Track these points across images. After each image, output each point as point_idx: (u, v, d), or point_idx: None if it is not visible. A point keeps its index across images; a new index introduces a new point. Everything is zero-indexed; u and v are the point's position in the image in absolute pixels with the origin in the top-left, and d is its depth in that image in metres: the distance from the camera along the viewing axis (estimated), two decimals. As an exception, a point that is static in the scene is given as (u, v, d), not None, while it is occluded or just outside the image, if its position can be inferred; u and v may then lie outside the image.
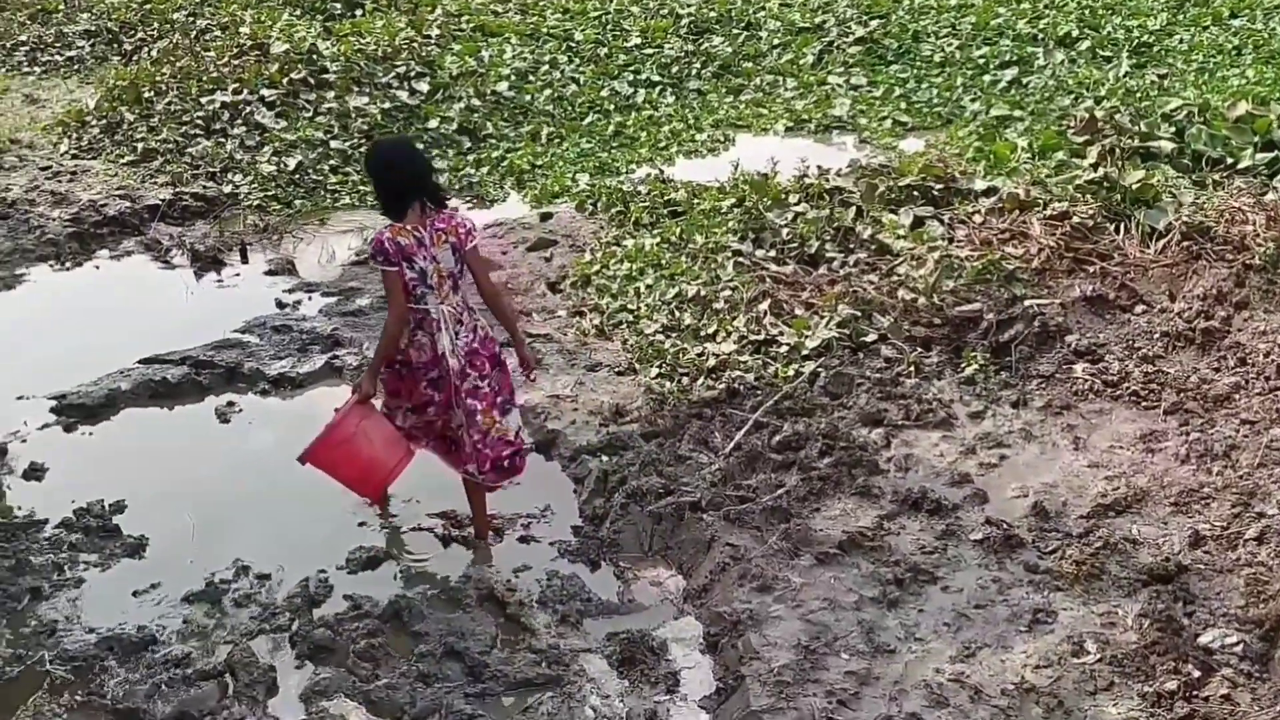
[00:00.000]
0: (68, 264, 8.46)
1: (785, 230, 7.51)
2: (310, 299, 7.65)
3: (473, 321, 4.75)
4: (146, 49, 13.42)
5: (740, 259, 7.30)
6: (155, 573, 4.89)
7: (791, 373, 6.09)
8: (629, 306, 7.06)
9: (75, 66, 13.46)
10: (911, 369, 5.98)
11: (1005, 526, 4.72)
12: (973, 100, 10.42)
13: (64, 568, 4.89)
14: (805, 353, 6.24)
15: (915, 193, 7.61)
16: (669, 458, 5.46)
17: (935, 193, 7.60)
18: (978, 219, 7.19)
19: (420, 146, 6.53)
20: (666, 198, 8.60)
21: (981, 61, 11.21)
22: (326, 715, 4.09)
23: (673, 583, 4.80)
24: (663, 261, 7.48)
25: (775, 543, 4.74)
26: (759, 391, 5.96)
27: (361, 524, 5.27)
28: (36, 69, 13.55)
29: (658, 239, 7.89)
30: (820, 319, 6.46)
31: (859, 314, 6.43)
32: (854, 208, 7.56)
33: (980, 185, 7.62)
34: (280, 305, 7.58)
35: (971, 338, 6.16)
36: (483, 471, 4.87)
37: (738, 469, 5.35)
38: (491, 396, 4.84)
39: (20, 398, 6.35)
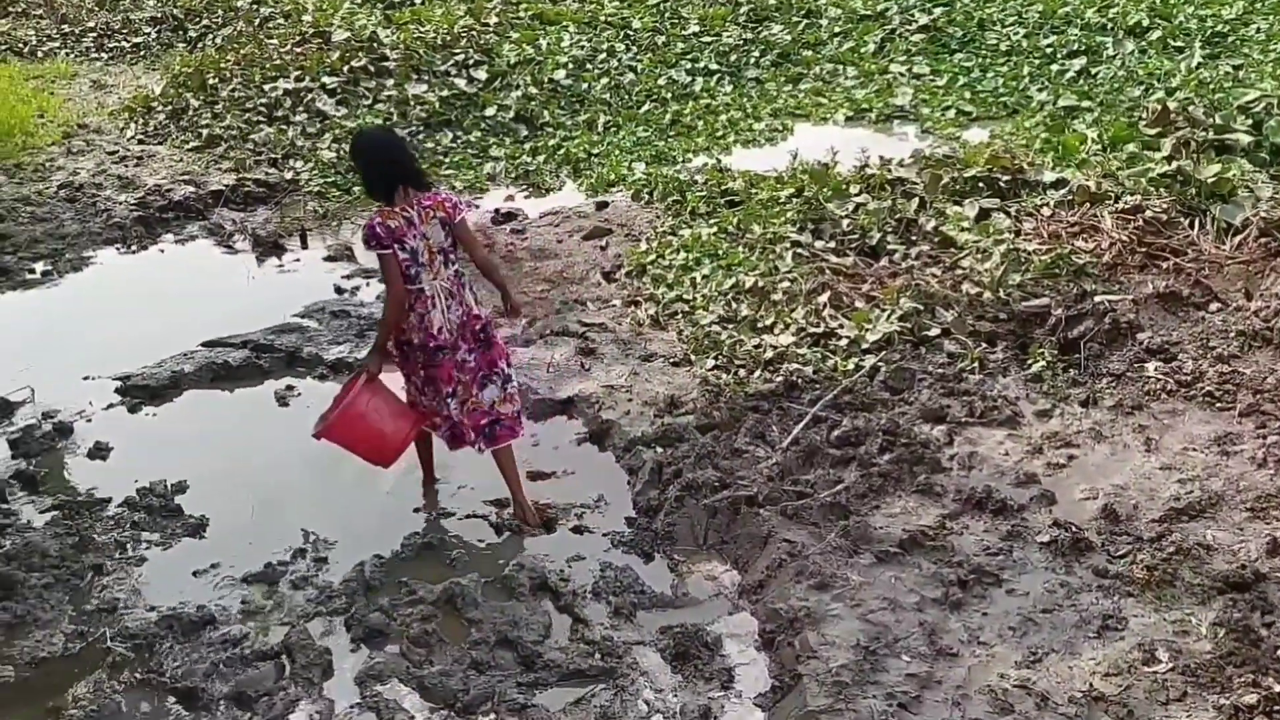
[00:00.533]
0: (133, 247, 8.59)
1: (845, 221, 7.39)
2: (368, 285, 7.68)
3: (462, 295, 4.87)
4: (211, 36, 13.62)
5: (799, 250, 7.20)
6: (215, 553, 4.94)
7: (851, 366, 5.98)
8: (685, 296, 6.99)
9: (141, 53, 13.68)
10: (976, 365, 5.85)
11: (1074, 529, 4.58)
12: (1039, 90, 10.19)
13: (126, 546, 4.96)
14: (865, 346, 6.14)
15: (981, 184, 7.46)
16: (725, 451, 5.39)
17: (1002, 184, 7.43)
18: (1046, 212, 7.02)
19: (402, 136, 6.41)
20: (724, 187, 8.53)
21: (1049, 50, 10.96)
22: (380, 699, 4.09)
23: (727, 577, 4.74)
24: (719, 251, 7.40)
25: (834, 540, 4.65)
26: (817, 385, 5.86)
27: (416, 510, 5.28)
28: (104, 55, 13.79)
29: (715, 229, 7.81)
30: (881, 312, 6.34)
31: (921, 307, 6.30)
32: (917, 199, 7.43)
33: (1049, 177, 7.44)
34: (339, 291, 7.63)
35: (1039, 334, 6.00)
36: (473, 442, 5.03)
37: (795, 464, 5.26)
38: (474, 371, 4.97)
39: (86, 378, 6.45)
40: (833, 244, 7.26)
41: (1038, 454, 5.20)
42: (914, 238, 7.13)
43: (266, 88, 10.94)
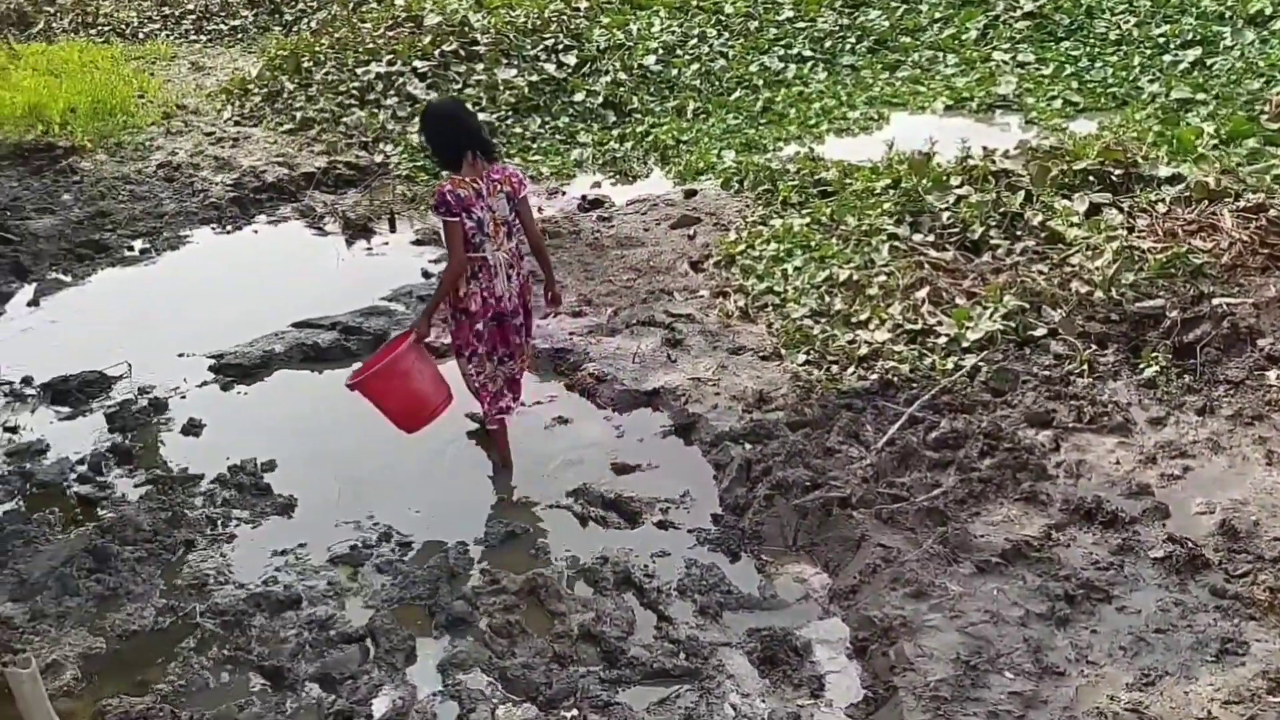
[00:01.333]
0: (228, 227, 8.71)
1: (946, 214, 7.15)
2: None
3: (520, 267, 5.06)
4: (306, 19, 13.79)
5: (896, 243, 6.99)
6: (302, 533, 4.94)
7: (950, 366, 5.77)
8: (775, 288, 6.83)
9: (239, 35, 13.92)
10: (1084, 368, 5.59)
11: (1189, 545, 4.33)
12: (1151, 81, 9.78)
13: (217, 523, 4.99)
14: (966, 345, 5.91)
15: (1091, 178, 7.15)
16: (816, 449, 5.23)
17: (1114, 179, 7.11)
18: (1161, 208, 6.70)
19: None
20: (816, 177, 8.33)
21: (1161, 40, 10.51)
22: (463, 688, 4.04)
23: (817, 580, 4.58)
24: (812, 243, 7.22)
25: (931, 547, 4.46)
26: (914, 384, 5.66)
27: (500, 498, 5.22)
28: (203, 37, 14.07)
29: (807, 219, 7.62)
30: (983, 310, 6.10)
31: (1027, 306, 6.05)
32: (1023, 192, 7.15)
33: (1164, 172, 7.10)
34: (426, 275, 7.62)
35: (1152, 337, 5.71)
36: (516, 400, 5.34)
37: (890, 465, 5.08)
38: (525, 338, 5.29)
39: (181, 355, 6.54)
40: (932, 237, 7.03)
41: (1151, 464, 4.94)
42: (1019, 232, 6.86)
43: (359, 71, 11.02)
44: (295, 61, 11.40)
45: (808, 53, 11.42)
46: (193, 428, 5.80)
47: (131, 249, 8.24)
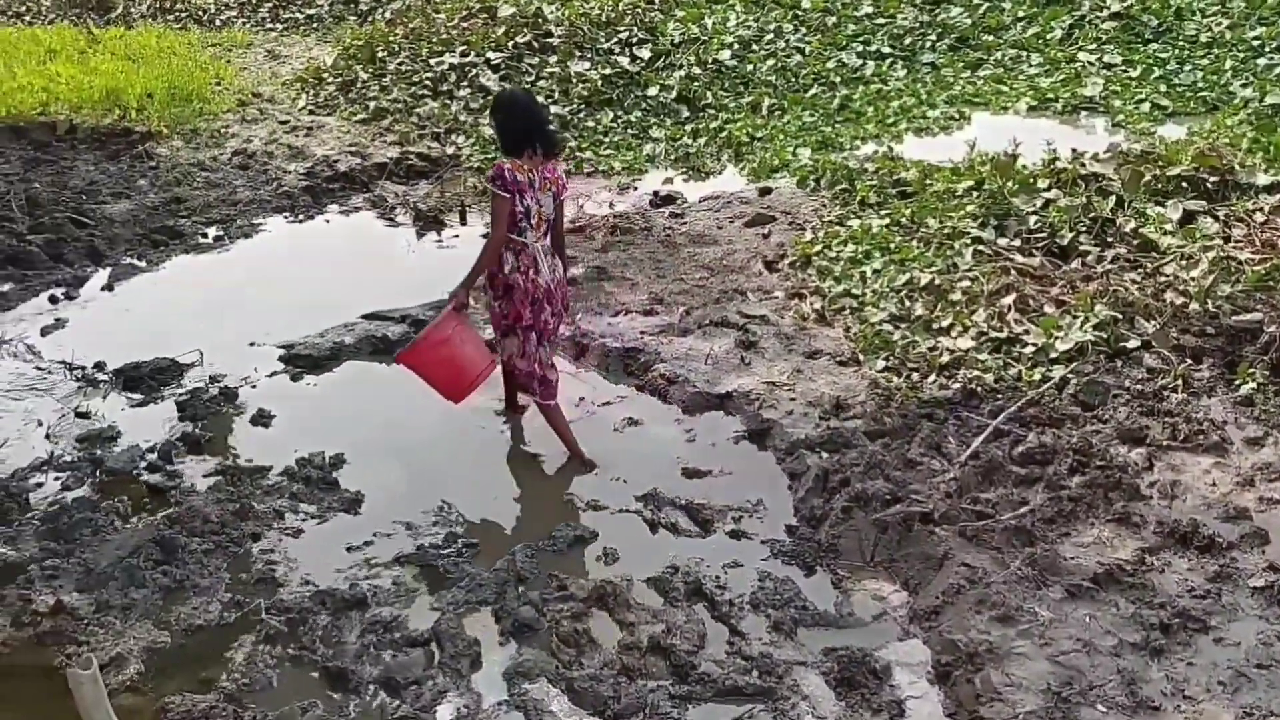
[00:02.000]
0: (300, 216, 8.72)
1: (1033, 218, 6.92)
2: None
3: (555, 263, 5.22)
4: (381, 9, 13.82)
5: (980, 247, 6.77)
6: (369, 530, 4.86)
7: (1038, 377, 5.55)
8: (853, 291, 6.65)
9: (314, 24, 14.00)
10: (1179, 383, 5.33)
11: (1294, 575, 4.09)
12: (1244, 85, 9.42)
13: (284, 516, 4.94)
14: (1054, 356, 5.68)
15: (1185, 184, 6.85)
16: (897, 461, 5.04)
17: (1209, 186, 6.81)
18: (1259, 217, 6.39)
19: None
20: (896, 177, 8.14)
21: (1255, 43, 10.11)
22: (528, 698, 3.93)
23: (896, 599, 4.40)
24: (892, 245, 7.03)
25: (1019, 568, 4.27)
26: (999, 395, 5.46)
27: (568, 500, 5.11)
28: (278, 25, 14.17)
29: (886, 220, 7.43)
30: (1073, 319, 5.86)
31: (1119, 316, 5.80)
32: (1113, 197, 6.87)
33: (1262, 180, 6.79)
34: (496, 268, 7.53)
35: (1250, 351, 5.44)
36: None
37: (974, 480, 4.88)
38: (554, 330, 5.35)
39: (252, 344, 6.54)
40: (1018, 242, 6.80)
41: (1248, 486, 4.69)
42: (1110, 239, 6.61)
43: (433, 62, 11.00)
44: (370, 51, 11.42)
45: (886, 49, 11.18)
46: (262, 418, 5.78)
47: (205, 236, 8.29)
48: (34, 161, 9.10)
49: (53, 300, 7.22)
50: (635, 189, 9.05)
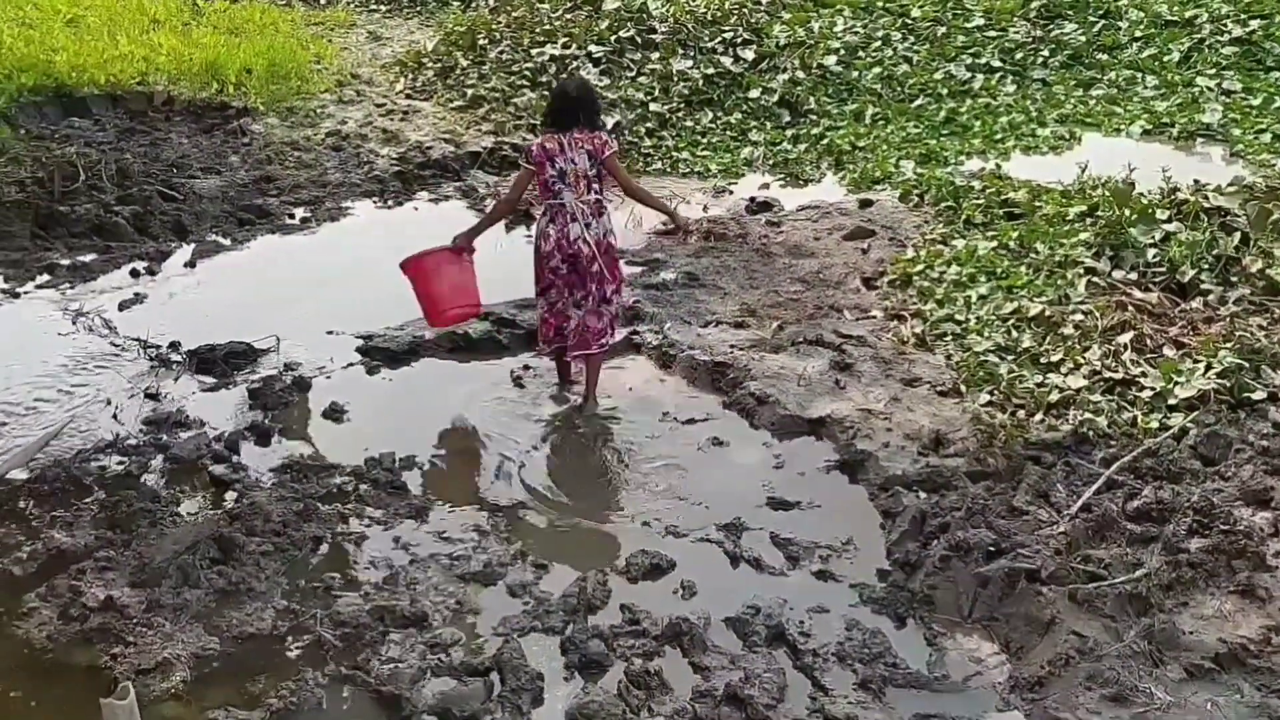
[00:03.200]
0: (389, 202, 8.58)
1: (1151, 251, 6.45)
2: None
3: (601, 219, 5.50)
4: (486, -4, 13.65)
5: (1094, 278, 6.35)
6: (434, 541, 4.64)
7: (1155, 424, 5.12)
8: (956, 316, 6.27)
9: (417, 8, 13.90)
10: (1314, 443, 4.87)
11: None
12: (1372, 120, 8.78)
13: (348, 520, 4.73)
14: (1173, 402, 5.25)
15: (1320, 224, 6.32)
16: (1001, 507, 4.67)
17: (1348, 227, 6.27)
18: (1403, 265, 5.86)
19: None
20: (1003, 196, 7.74)
21: (1386, 75, 9.45)
22: (591, 744, 3.66)
23: (995, 662, 4.04)
24: (999, 269, 6.64)
25: (1133, 641, 3.88)
26: (1113, 441, 5.04)
27: (647, 524, 4.83)
28: (382, 6, 14.11)
29: (993, 243, 7.03)
30: (1194, 364, 5.42)
31: (1245, 364, 5.34)
32: (1238, 234, 6.37)
33: None
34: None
35: (1395, 413, 4.95)
36: (578, 349, 5.65)
37: (1085, 535, 4.48)
38: (601, 287, 5.55)
39: (330, 332, 6.38)
40: (1134, 275, 6.35)
41: (1394, 565, 4.23)
42: (1234, 279, 6.13)
43: (534, 52, 10.81)
44: (471, 38, 11.27)
45: (997, 63, 10.76)
46: (334, 412, 5.60)
47: (292, 217, 8.18)
48: (129, 131, 9.10)
49: (134, 274, 7.16)
50: (730, 193, 8.75)
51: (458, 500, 4.93)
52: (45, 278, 7.03)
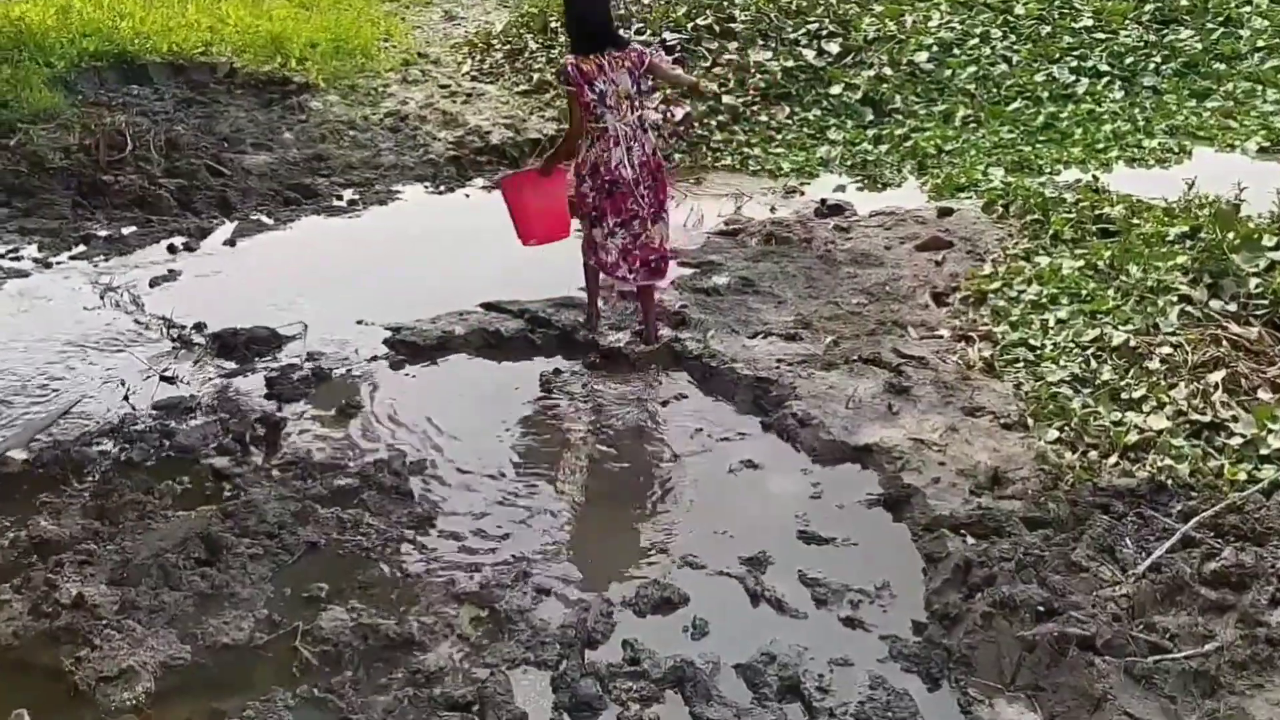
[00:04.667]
0: (441, 187, 8.35)
1: (1254, 281, 5.84)
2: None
3: (643, 139, 5.52)
4: (556, -19, 13.37)
5: (1189, 307, 5.78)
6: (433, 555, 4.33)
7: (1243, 476, 4.58)
8: (1031, 341, 5.78)
9: (495, -12, 13.68)
10: None
11: None
12: None
13: (346, 526, 4.45)
14: (1266, 452, 4.71)
15: None
16: (1058, 561, 4.19)
17: None
18: None
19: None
20: (1098, 211, 7.19)
21: None
22: (575, 799, 3.31)
23: (1037, 738, 3.59)
24: (1084, 292, 6.11)
25: (1197, 728, 3.39)
26: (1194, 493, 4.52)
27: (663, 551, 4.45)
28: (461, -14, 13.91)
29: (1081, 262, 6.49)
30: (1293, 411, 4.85)
31: (1350, 414, 4.76)
32: (1353, 268, 5.75)
33: None
34: (633, 269, 6.93)
35: None
36: (633, 270, 5.67)
37: (1151, 599, 3.98)
38: (650, 208, 5.60)
39: (359, 322, 6.16)
40: (1233, 307, 5.76)
41: None
42: (1345, 318, 5.51)
43: (601, 36, 10.48)
44: (543, 20, 10.99)
45: (1104, 68, 10.10)
46: (349, 409, 5.34)
47: (340, 198, 7.99)
48: (187, 102, 9.03)
49: (171, 250, 7.03)
50: (802, 194, 8.31)
51: (463, 512, 4.62)
52: (81, 249, 6.95)
